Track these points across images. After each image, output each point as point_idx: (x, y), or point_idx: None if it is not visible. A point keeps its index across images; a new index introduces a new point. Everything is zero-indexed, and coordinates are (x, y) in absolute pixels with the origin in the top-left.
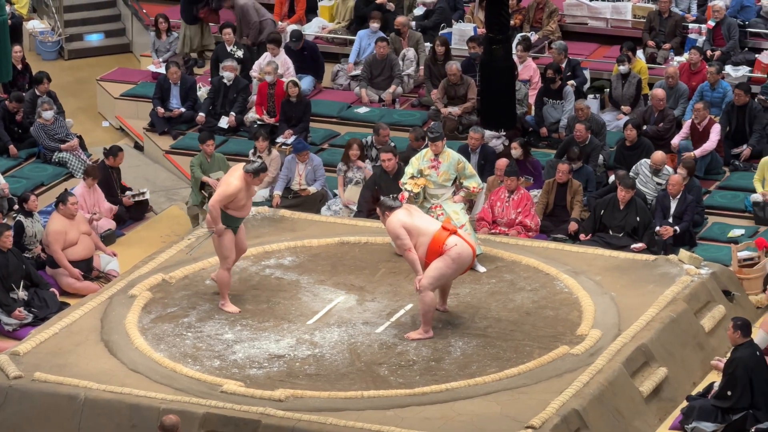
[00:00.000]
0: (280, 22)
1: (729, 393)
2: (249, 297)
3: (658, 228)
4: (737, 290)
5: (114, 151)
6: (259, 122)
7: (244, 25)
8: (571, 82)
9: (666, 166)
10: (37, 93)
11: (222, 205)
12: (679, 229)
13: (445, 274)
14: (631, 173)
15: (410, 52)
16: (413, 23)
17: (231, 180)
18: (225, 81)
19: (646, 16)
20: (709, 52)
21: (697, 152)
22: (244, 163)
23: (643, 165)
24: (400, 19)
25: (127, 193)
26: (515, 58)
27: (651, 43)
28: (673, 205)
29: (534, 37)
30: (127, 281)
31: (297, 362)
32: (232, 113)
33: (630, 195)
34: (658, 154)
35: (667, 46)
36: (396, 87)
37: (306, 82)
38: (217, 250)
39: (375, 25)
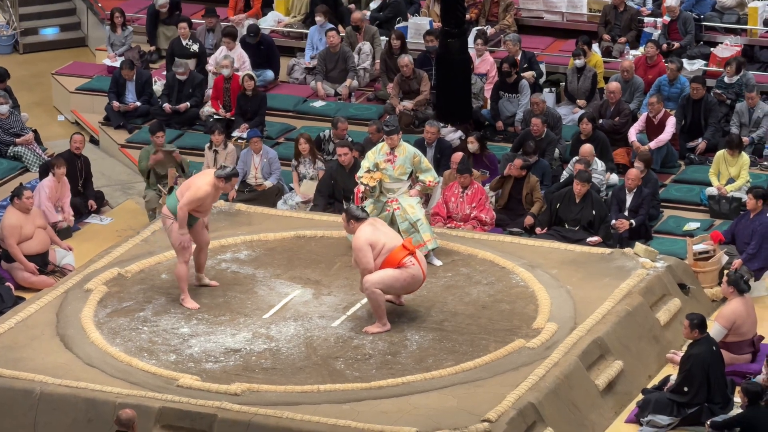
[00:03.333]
0: (235, 16)
1: (686, 389)
2: (205, 291)
3: (613, 221)
4: (693, 283)
5: (71, 137)
6: (215, 116)
7: None
8: (531, 72)
9: (596, 158)
10: None
11: (191, 209)
12: (635, 222)
13: (394, 285)
14: (565, 171)
15: (366, 46)
16: (368, 15)
17: (201, 184)
18: (178, 78)
19: (601, 9)
20: (665, 46)
21: (652, 144)
22: (214, 169)
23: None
24: (357, 14)
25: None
26: (472, 51)
27: (606, 36)
28: (629, 198)
29: (490, 30)
30: (83, 275)
31: (253, 356)
32: (187, 104)
33: (586, 189)
34: (585, 147)
35: (622, 39)
36: (351, 81)
37: (267, 75)
38: (173, 245)
39: (320, 18)
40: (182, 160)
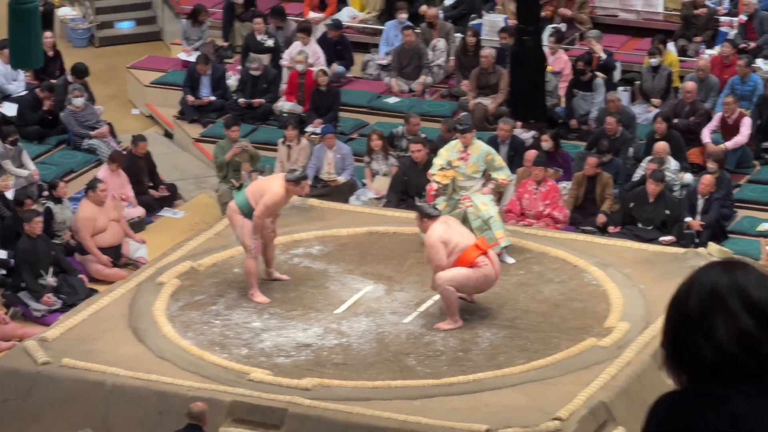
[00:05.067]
0: (311, 13)
1: None
2: (277, 285)
3: (687, 219)
4: None
5: (135, 141)
6: (289, 110)
7: None
8: (600, 77)
9: (669, 157)
10: (69, 80)
11: (267, 216)
12: (704, 222)
13: (466, 284)
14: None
15: (440, 43)
16: (441, 14)
17: (274, 189)
18: (252, 73)
19: (678, 8)
20: (741, 45)
21: (729, 144)
22: (283, 173)
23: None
24: (431, 11)
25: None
26: (546, 49)
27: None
28: (700, 203)
29: (565, 28)
30: (156, 268)
31: (324, 351)
32: (261, 100)
33: (660, 188)
34: (660, 144)
35: (698, 39)
36: (425, 77)
37: (339, 70)
38: (239, 240)
39: (403, 15)
40: (254, 153)
